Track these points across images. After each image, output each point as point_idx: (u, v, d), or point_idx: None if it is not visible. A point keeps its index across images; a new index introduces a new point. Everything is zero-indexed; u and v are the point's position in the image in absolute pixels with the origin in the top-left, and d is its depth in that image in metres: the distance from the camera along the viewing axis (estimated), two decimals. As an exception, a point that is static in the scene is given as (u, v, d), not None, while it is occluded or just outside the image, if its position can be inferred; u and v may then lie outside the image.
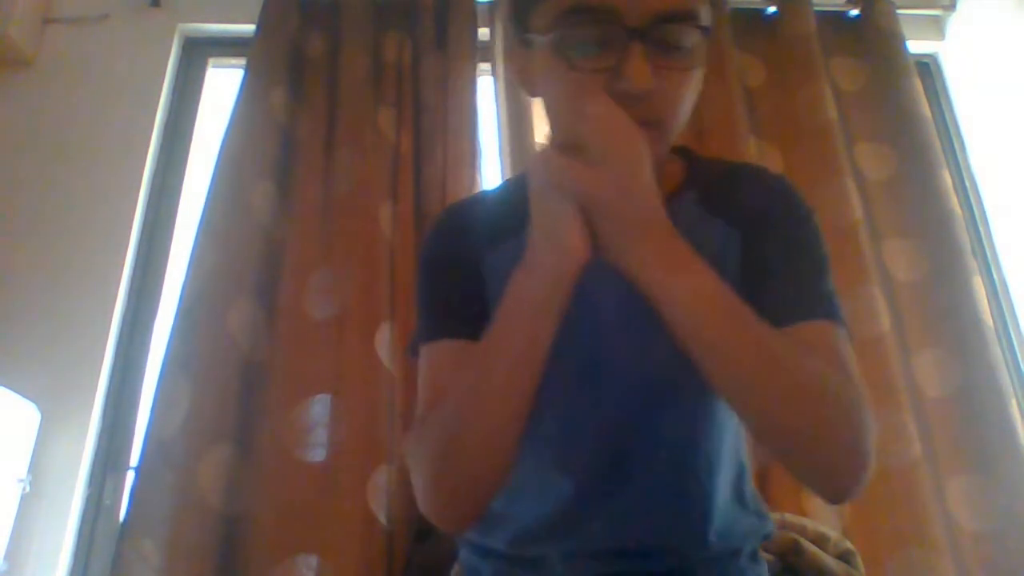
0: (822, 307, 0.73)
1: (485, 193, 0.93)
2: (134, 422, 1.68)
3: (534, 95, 0.77)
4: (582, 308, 0.65)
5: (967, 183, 2.04)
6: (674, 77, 0.68)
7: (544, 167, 0.59)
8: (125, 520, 1.44)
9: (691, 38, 0.68)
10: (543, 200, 0.60)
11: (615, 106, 0.59)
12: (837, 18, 2.09)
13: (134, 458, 1.65)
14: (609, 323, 0.73)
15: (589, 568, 0.76)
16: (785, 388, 0.61)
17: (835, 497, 0.68)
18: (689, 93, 0.71)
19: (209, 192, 1.70)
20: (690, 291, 0.61)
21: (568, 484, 0.76)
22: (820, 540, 1.18)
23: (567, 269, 0.61)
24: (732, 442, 0.81)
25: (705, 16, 0.69)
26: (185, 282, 1.62)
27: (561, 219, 0.59)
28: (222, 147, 1.75)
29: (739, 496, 0.80)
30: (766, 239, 0.76)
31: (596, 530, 0.76)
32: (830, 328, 0.72)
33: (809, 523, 1.23)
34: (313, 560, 1.43)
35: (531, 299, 0.63)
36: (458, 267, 0.80)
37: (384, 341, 1.59)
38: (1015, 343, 1.86)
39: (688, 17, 0.67)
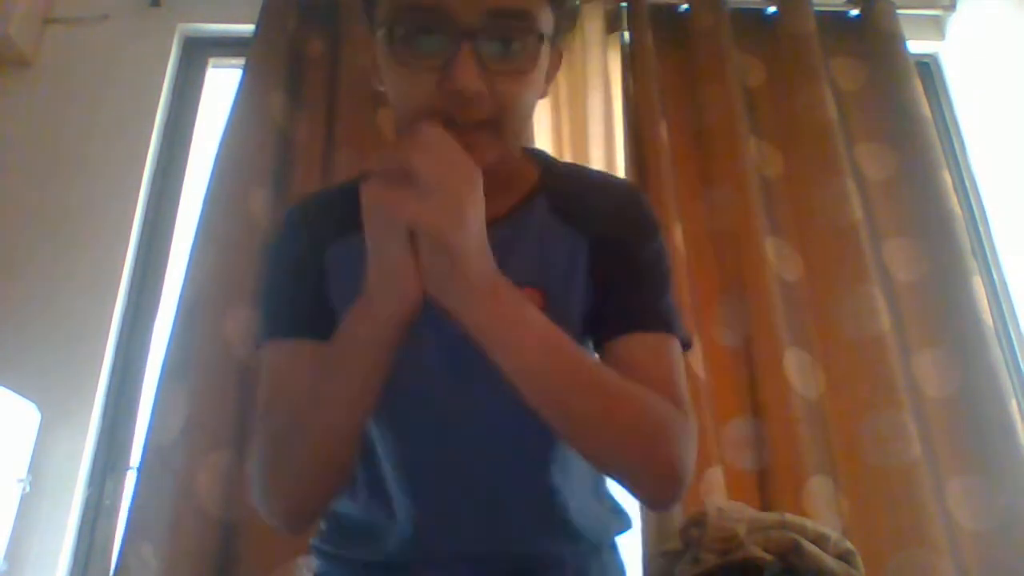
0: (658, 320, 0.76)
1: (332, 187, 0.93)
2: (134, 422, 1.68)
3: (381, 87, 0.75)
4: (426, 337, 0.66)
5: (967, 183, 2.04)
6: (507, 79, 0.66)
7: (374, 198, 0.57)
8: (126, 525, 1.45)
9: (525, 40, 0.67)
10: (377, 238, 0.60)
11: (447, 135, 0.58)
12: (837, 18, 2.09)
13: (134, 458, 1.65)
14: (450, 349, 0.72)
15: (452, 571, 0.78)
16: (609, 423, 0.66)
17: (652, 506, 0.76)
18: (524, 96, 0.69)
19: (206, 196, 1.70)
20: (513, 336, 0.62)
21: (421, 502, 0.78)
22: (820, 540, 1.18)
23: (403, 312, 0.62)
24: None
25: (543, 22, 0.68)
26: (183, 287, 1.62)
27: (396, 261, 0.60)
28: (219, 150, 1.75)
29: (596, 497, 0.83)
30: (613, 251, 0.78)
31: (460, 538, 0.78)
32: (663, 340, 0.75)
33: (809, 523, 1.22)
34: (313, 562, 1.44)
35: (366, 338, 0.64)
36: (299, 264, 0.80)
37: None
38: (1015, 343, 1.86)
39: (521, 16, 0.66)
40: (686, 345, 0.78)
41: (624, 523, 0.88)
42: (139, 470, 1.49)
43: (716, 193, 1.83)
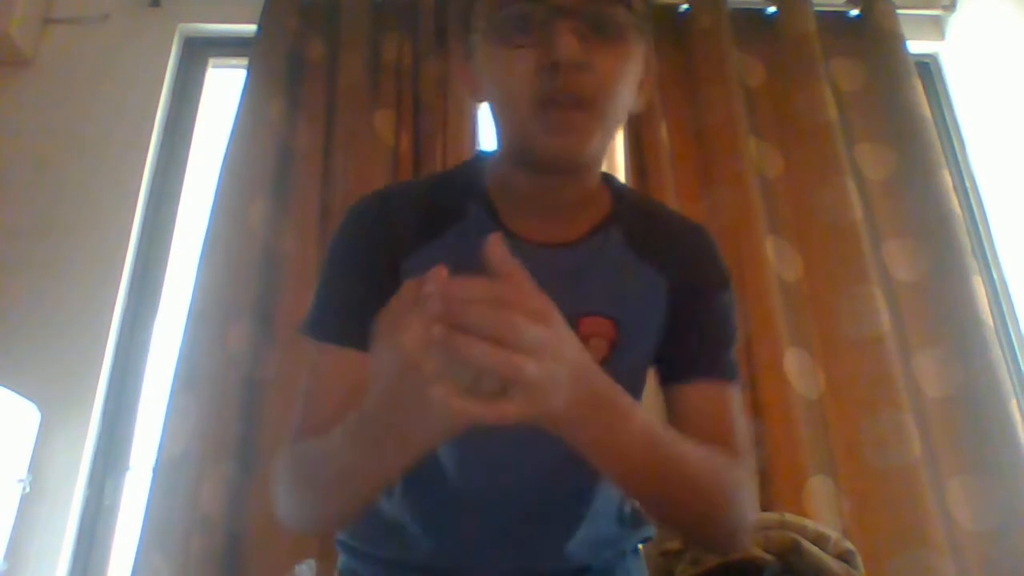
0: (724, 370, 0.79)
1: (408, 185, 0.89)
2: (134, 423, 1.69)
3: (480, 100, 0.77)
4: None
5: (967, 183, 2.04)
6: (605, 54, 0.68)
7: (447, 413, 0.47)
8: (140, 535, 1.47)
9: (622, 18, 0.69)
10: (415, 424, 0.52)
11: (553, 328, 0.49)
12: (837, 18, 2.10)
13: (134, 459, 1.66)
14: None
15: None
16: (694, 504, 0.68)
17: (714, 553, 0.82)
18: (623, 73, 0.70)
19: (212, 209, 1.71)
20: (622, 453, 0.61)
21: (461, 521, 0.78)
22: (820, 540, 1.18)
23: (439, 443, 0.58)
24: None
25: (636, 2, 0.70)
26: (192, 300, 1.63)
27: (435, 436, 0.54)
28: (224, 162, 1.75)
29: (620, 517, 0.86)
30: (689, 298, 0.79)
31: (493, 554, 0.78)
32: (726, 389, 0.78)
33: (809, 523, 1.22)
34: (313, 564, 1.45)
35: (390, 465, 0.59)
36: (370, 267, 0.76)
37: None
38: (1015, 343, 1.86)
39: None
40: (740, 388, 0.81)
41: (646, 532, 0.89)
42: (152, 480, 1.51)
43: (716, 193, 1.83)
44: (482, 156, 0.84)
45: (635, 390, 0.80)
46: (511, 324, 0.45)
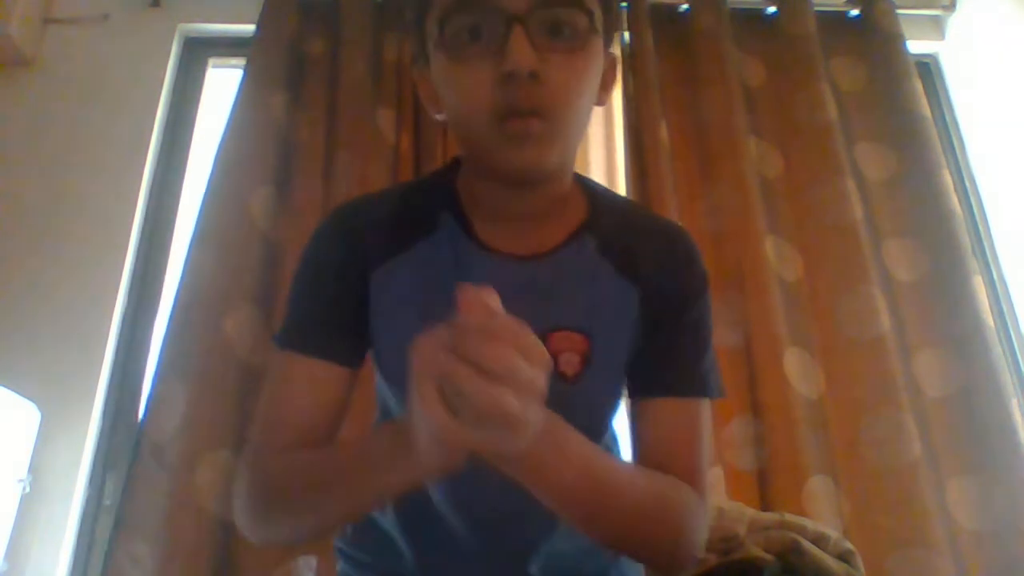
0: (694, 386, 0.77)
1: (379, 196, 0.86)
2: (134, 422, 1.68)
3: (439, 112, 0.75)
4: None
5: (967, 183, 2.04)
6: (561, 61, 0.66)
7: (451, 433, 0.48)
8: (118, 523, 1.45)
9: (578, 22, 0.67)
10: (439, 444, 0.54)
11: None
12: (837, 18, 2.09)
13: (134, 458, 1.65)
14: None
15: None
16: (635, 532, 0.68)
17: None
18: (580, 79, 0.68)
19: (205, 197, 1.70)
20: (560, 486, 0.61)
21: (439, 543, 0.78)
22: (820, 540, 1.18)
23: (445, 471, 0.59)
24: None
25: (591, 5, 0.68)
26: (180, 287, 1.62)
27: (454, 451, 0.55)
28: (218, 151, 1.75)
29: None
30: (661, 310, 0.77)
31: (488, 566, 0.79)
32: (695, 408, 0.76)
33: (809, 523, 1.22)
34: (313, 561, 1.44)
35: (400, 480, 0.62)
36: (341, 280, 0.76)
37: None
38: (1015, 343, 1.86)
39: (569, 2, 0.67)
40: (719, 394, 0.78)
41: None
42: (132, 467, 1.49)
43: (716, 193, 1.83)
44: (458, 161, 0.82)
45: (610, 404, 0.79)
46: (508, 361, 0.45)
